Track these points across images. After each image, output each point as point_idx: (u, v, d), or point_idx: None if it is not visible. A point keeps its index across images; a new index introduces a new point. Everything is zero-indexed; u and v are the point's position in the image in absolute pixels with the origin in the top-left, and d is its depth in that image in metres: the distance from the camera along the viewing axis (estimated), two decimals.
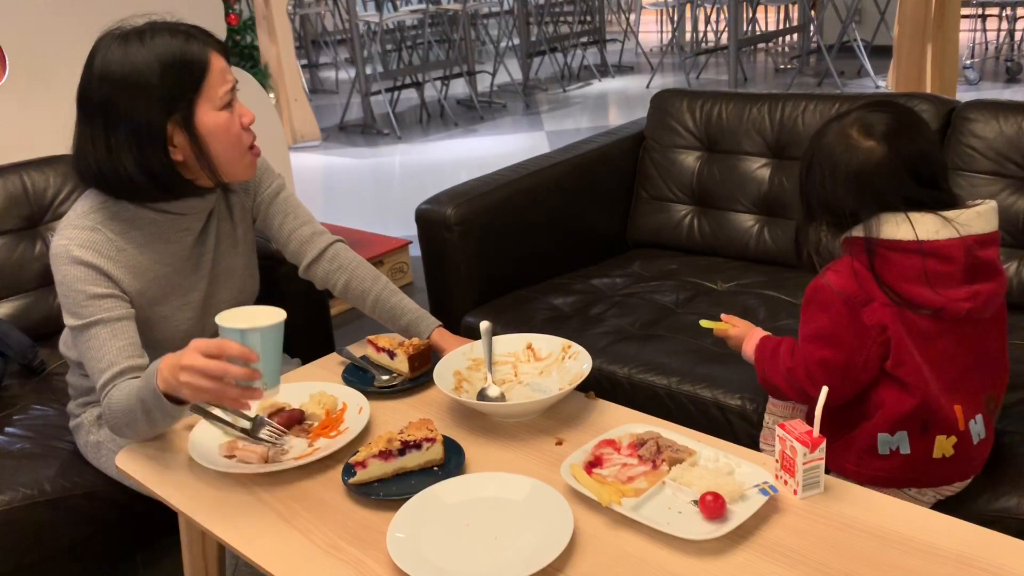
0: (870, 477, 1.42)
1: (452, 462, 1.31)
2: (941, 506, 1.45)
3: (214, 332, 1.67)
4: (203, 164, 1.47)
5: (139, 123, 1.41)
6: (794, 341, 1.47)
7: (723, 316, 1.61)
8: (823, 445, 1.17)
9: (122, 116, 1.41)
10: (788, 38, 8.77)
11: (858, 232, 1.38)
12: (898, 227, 1.34)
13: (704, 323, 1.61)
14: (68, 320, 1.46)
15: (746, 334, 1.57)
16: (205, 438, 1.40)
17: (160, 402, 1.31)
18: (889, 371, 1.38)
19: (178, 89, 1.41)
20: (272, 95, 4.48)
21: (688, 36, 9.25)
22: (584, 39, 8.51)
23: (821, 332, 1.40)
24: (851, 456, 1.44)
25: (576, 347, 1.54)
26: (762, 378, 1.52)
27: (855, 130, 1.38)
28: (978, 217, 1.35)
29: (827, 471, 1.21)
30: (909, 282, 1.35)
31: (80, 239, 1.46)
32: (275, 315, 1.27)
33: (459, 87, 7.64)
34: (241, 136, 1.49)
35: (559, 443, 1.36)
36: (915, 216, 1.34)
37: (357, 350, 1.68)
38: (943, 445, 1.40)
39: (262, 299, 1.79)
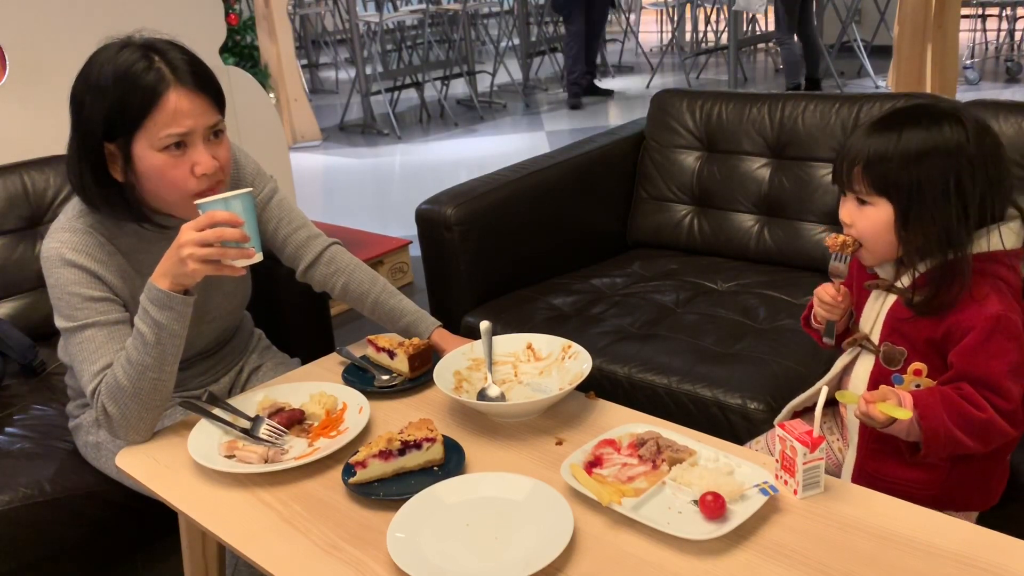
0: (990, 500, 1.38)
1: (452, 462, 1.31)
2: (940, 505, 1.44)
3: (207, 340, 1.68)
4: (133, 197, 1.44)
5: (84, 130, 1.40)
6: (950, 389, 1.26)
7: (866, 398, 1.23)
8: (823, 445, 1.17)
9: (80, 118, 1.40)
10: None
11: (1011, 243, 1.26)
12: None
13: (883, 408, 1.20)
14: (60, 323, 1.45)
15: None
16: (205, 438, 1.40)
17: (170, 300, 1.35)
18: None
19: (119, 112, 1.37)
20: (272, 95, 4.48)
21: (688, 36, 9.25)
22: None
23: (1019, 366, 1.24)
24: (987, 490, 1.38)
25: (576, 347, 1.54)
26: (943, 440, 1.24)
27: (977, 127, 1.25)
28: None
29: (945, 510, 1.17)
30: None
31: (72, 242, 1.45)
32: (245, 188, 1.38)
33: (459, 87, 7.64)
34: (184, 182, 1.41)
35: (559, 443, 1.36)
36: None
37: (357, 350, 1.68)
38: None
39: (261, 300, 1.79)
